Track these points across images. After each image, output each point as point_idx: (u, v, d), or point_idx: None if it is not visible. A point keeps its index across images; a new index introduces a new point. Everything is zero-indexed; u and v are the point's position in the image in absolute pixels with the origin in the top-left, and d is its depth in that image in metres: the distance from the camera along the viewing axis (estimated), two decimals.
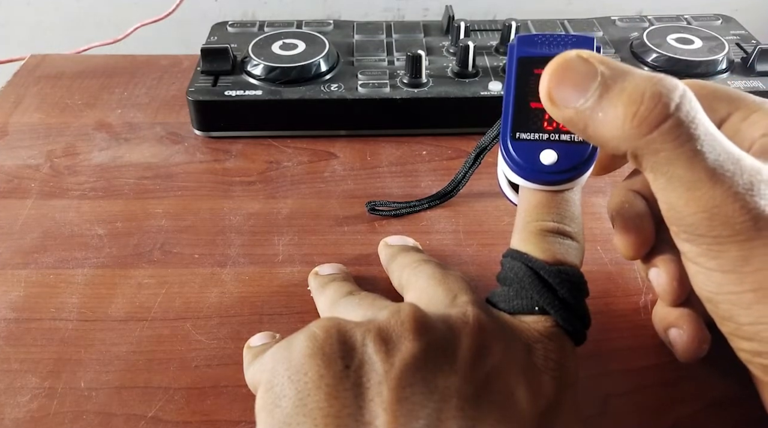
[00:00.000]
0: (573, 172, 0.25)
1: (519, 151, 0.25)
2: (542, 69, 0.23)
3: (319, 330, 0.23)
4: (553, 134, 0.25)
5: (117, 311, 0.33)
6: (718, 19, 0.54)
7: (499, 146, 0.26)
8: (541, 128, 0.25)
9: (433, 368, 0.21)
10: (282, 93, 0.44)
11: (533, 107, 0.25)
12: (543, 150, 0.25)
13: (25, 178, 0.42)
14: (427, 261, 0.29)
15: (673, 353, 0.28)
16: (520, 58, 0.26)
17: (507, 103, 0.26)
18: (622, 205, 0.28)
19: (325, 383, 0.21)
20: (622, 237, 0.28)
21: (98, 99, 0.51)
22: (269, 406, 0.22)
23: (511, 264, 0.25)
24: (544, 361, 0.23)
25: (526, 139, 0.25)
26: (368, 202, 0.39)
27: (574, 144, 0.25)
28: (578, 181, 0.25)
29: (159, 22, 0.59)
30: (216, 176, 0.43)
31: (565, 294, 0.24)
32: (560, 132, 0.25)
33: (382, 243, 0.35)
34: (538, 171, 0.25)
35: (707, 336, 0.27)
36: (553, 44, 0.26)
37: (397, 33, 0.53)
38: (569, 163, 0.25)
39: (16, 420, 0.28)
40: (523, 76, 0.26)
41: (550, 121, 0.25)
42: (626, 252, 0.28)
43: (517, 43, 0.26)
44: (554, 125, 0.25)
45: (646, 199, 0.28)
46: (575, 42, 0.26)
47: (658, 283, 0.28)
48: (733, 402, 0.29)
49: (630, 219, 0.28)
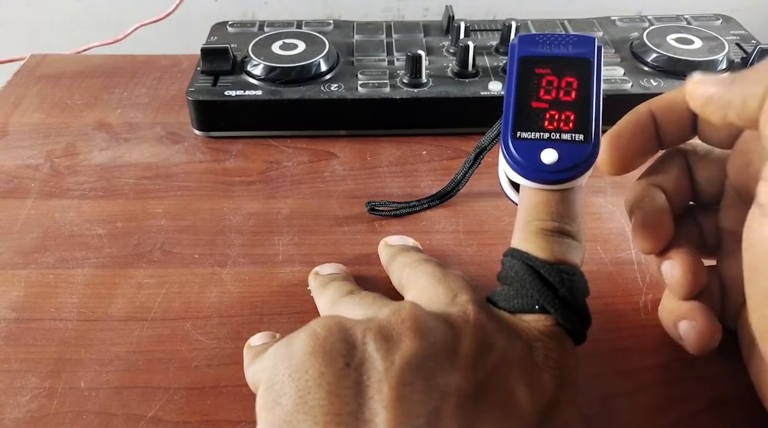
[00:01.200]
0: (573, 171, 0.25)
1: (520, 150, 0.25)
2: (543, 68, 0.23)
3: (320, 328, 0.23)
4: (554, 133, 0.25)
5: (117, 311, 0.33)
6: (718, 19, 0.54)
7: (500, 145, 0.26)
8: (542, 127, 0.25)
9: (433, 366, 0.21)
10: (282, 93, 0.44)
11: (534, 107, 0.25)
12: (544, 149, 0.25)
13: (25, 178, 0.42)
14: (427, 261, 0.29)
15: (684, 346, 0.28)
16: (522, 58, 0.26)
17: (508, 103, 0.26)
18: (642, 199, 0.28)
19: (325, 381, 0.21)
20: (642, 231, 0.28)
21: (98, 99, 0.51)
22: (270, 404, 0.22)
23: (511, 263, 0.25)
24: (544, 360, 0.23)
25: (526, 138, 0.25)
26: (368, 202, 0.39)
27: (574, 143, 0.25)
28: (579, 180, 0.25)
29: (159, 22, 0.59)
30: (216, 176, 0.43)
31: (565, 293, 0.24)
32: (561, 131, 0.25)
33: (382, 243, 0.35)
34: (539, 170, 0.25)
35: (719, 327, 0.27)
36: (554, 44, 0.26)
37: (397, 33, 0.53)
38: (570, 162, 0.24)
39: (16, 420, 0.28)
40: (524, 75, 0.26)
41: (551, 120, 0.25)
42: (645, 246, 0.28)
43: (519, 42, 0.26)
44: (555, 124, 0.25)
45: (666, 193, 0.28)
46: (576, 42, 0.26)
47: (672, 275, 0.27)
48: (733, 402, 0.29)
49: (650, 214, 0.28)
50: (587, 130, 0.25)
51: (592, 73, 0.26)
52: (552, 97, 0.26)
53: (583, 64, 0.26)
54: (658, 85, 0.45)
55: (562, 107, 0.26)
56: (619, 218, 0.39)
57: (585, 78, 0.26)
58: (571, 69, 0.26)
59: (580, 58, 0.26)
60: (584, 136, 0.25)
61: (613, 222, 0.38)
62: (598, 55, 0.26)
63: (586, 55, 0.26)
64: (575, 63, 0.26)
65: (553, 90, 0.26)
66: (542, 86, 0.26)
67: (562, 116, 0.25)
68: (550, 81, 0.26)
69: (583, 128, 0.25)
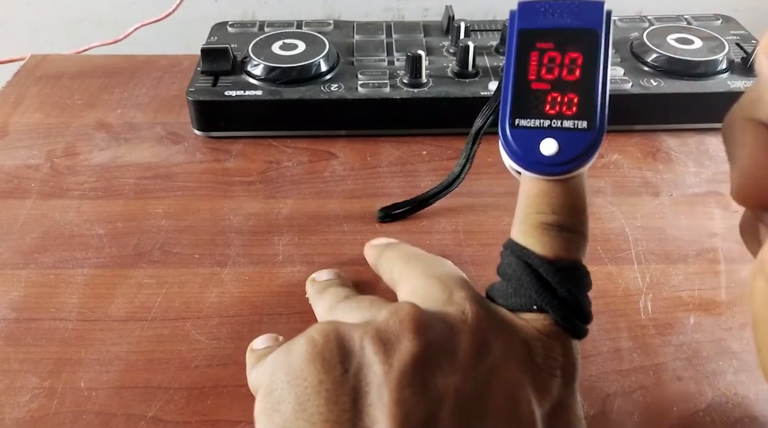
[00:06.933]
0: (574, 163, 0.23)
1: (518, 140, 0.23)
2: (545, 43, 0.21)
3: (318, 335, 0.22)
4: (555, 120, 0.23)
5: (117, 311, 0.33)
6: (718, 19, 0.54)
7: (499, 131, 0.24)
8: (542, 113, 0.23)
9: (432, 368, 0.21)
10: (282, 93, 0.44)
11: (534, 89, 0.23)
12: (543, 139, 0.23)
13: (25, 178, 0.42)
14: (417, 255, 0.29)
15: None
16: (522, 31, 0.24)
17: (506, 84, 0.24)
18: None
19: (324, 388, 0.21)
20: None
21: (98, 99, 0.51)
22: (268, 410, 0.22)
23: (509, 259, 0.24)
24: (544, 360, 0.23)
25: (525, 127, 0.23)
26: (381, 209, 0.38)
27: (577, 131, 0.23)
28: (582, 168, 0.24)
29: (159, 22, 0.59)
30: (216, 176, 0.43)
31: (564, 293, 0.23)
32: (563, 117, 0.23)
33: (366, 246, 0.34)
34: (538, 162, 0.23)
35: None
36: (557, 13, 0.23)
37: (397, 33, 0.53)
38: (571, 154, 0.23)
39: (16, 420, 0.28)
40: (524, 51, 0.23)
41: (553, 103, 0.23)
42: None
43: (519, 11, 0.24)
44: (557, 109, 0.23)
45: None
46: (581, 9, 0.23)
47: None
48: (733, 402, 0.29)
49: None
50: (591, 116, 0.23)
51: (599, 47, 0.23)
52: (554, 77, 0.24)
53: (590, 37, 0.24)
54: (658, 85, 0.45)
55: (565, 88, 0.23)
56: (619, 218, 0.39)
57: (591, 53, 0.23)
58: (576, 43, 0.24)
59: (586, 30, 0.24)
60: (588, 123, 0.23)
61: (613, 222, 0.38)
62: (607, 24, 0.24)
63: (593, 25, 0.24)
64: (581, 35, 0.24)
65: (556, 68, 0.24)
66: (544, 63, 0.24)
67: (564, 99, 0.23)
68: (553, 57, 0.24)
69: (586, 113, 0.23)
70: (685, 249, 0.37)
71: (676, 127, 0.47)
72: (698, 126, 0.47)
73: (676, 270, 0.35)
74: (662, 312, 0.33)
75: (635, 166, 0.44)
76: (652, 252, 0.36)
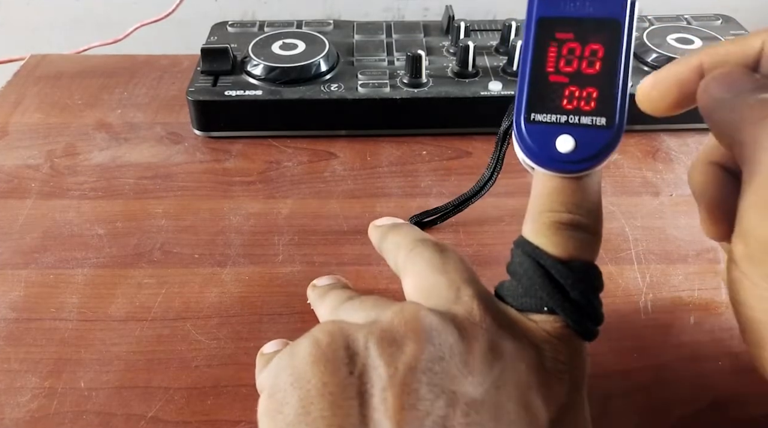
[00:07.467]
0: (591, 161, 0.22)
1: (533, 136, 0.23)
2: (566, 33, 0.21)
3: (322, 334, 0.22)
4: (572, 116, 0.22)
5: (117, 311, 0.33)
6: (718, 19, 0.54)
7: (513, 124, 0.23)
8: (559, 107, 0.22)
9: (439, 371, 0.21)
10: (282, 93, 0.44)
11: (552, 81, 0.22)
12: (560, 135, 0.22)
13: (25, 178, 0.42)
14: (423, 243, 0.28)
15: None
16: (541, 19, 0.22)
17: (523, 75, 0.23)
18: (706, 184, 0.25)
19: (328, 391, 0.21)
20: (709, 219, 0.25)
21: (98, 99, 0.51)
22: (272, 412, 0.21)
23: (521, 258, 0.24)
24: (553, 363, 0.22)
25: (541, 122, 0.22)
26: (411, 217, 0.38)
27: (594, 128, 0.22)
28: (597, 167, 0.23)
29: (159, 22, 0.59)
30: (216, 176, 0.43)
31: (577, 295, 0.23)
32: (581, 113, 0.22)
33: (371, 226, 0.32)
34: (553, 159, 0.22)
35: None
36: (579, 1, 0.22)
37: (397, 33, 0.53)
38: (587, 152, 0.22)
39: (16, 420, 0.28)
40: (542, 41, 0.22)
41: (571, 98, 0.22)
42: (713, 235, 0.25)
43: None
44: (574, 104, 0.22)
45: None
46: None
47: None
48: (733, 402, 0.29)
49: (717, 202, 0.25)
50: (610, 113, 0.22)
51: (621, 38, 0.22)
52: (573, 69, 0.23)
53: (612, 27, 0.22)
54: None
55: (584, 82, 0.22)
56: (619, 218, 0.39)
57: (613, 45, 0.22)
58: (598, 33, 0.22)
59: (609, 19, 0.22)
60: (606, 120, 0.22)
61: (613, 222, 0.38)
62: (631, 13, 0.22)
63: (615, 16, 0.22)
64: (602, 25, 0.22)
65: (575, 60, 0.23)
66: (563, 55, 0.23)
67: (583, 93, 0.22)
68: (572, 49, 0.23)
69: (605, 109, 0.22)
70: (685, 249, 0.37)
71: (676, 127, 0.47)
72: (698, 126, 0.47)
73: (676, 270, 0.35)
74: (662, 312, 0.33)
75: (635, 165, 0.44)
76: (652, 252, 0.36)
